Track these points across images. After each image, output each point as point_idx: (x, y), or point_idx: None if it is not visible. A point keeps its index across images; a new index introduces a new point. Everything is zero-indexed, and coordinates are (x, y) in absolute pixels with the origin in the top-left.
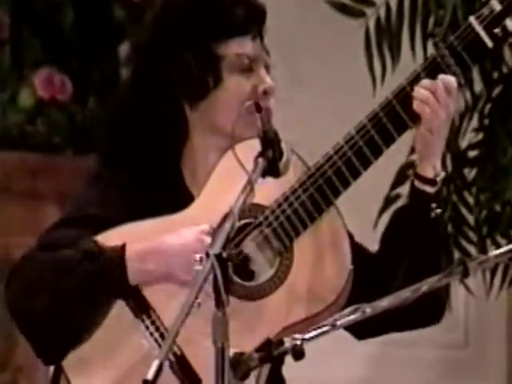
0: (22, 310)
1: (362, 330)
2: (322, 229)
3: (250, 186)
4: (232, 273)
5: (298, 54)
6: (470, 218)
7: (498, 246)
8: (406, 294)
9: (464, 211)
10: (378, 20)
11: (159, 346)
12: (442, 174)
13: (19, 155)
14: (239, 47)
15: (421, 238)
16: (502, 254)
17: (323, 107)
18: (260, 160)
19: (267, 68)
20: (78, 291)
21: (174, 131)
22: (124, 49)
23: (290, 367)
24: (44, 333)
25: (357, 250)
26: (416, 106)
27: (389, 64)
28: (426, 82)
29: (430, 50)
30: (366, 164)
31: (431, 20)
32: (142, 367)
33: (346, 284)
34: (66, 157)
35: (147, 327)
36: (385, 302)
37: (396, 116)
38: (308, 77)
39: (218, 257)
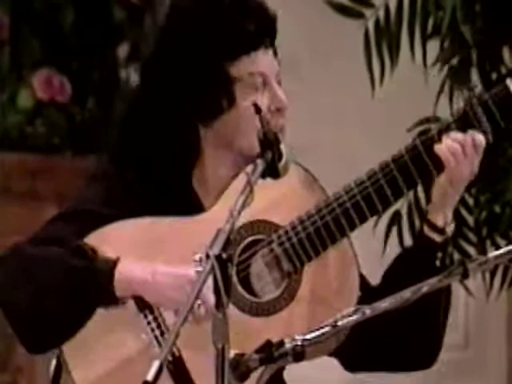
0: (5, 300)
1: (353, 363)
2: (332, 255)
3: (249, 188)
4: (239, 285)
5: (297, 55)
6: (470, 219)
7: (498, 247)
8: (406, 295)
9: (463, 212)
10: (377, 21)
11: (159, 343)
12: (452, 226)
13: (19, 156)
14: (252, 64)
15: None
16: (501, 255)
17: (322, 107)
18: (259, 161)
19: (279, 80)
20: (63, 285)
21: (185, 144)
22: (123, 50)
23: (289, 368)
24: (26, 323)
25: (360, 280)
26: (443, 155)
27: (387, 65)
28: (456, 134)
29: (429, 51)
30: (386, 203)
31: (430, 21)
32: (140, 361)
33: None
34: (65, 157)
35: (149, 323)
36: (385, 303)
37: (420, 161)
38: (307, 77)
39: (218, 258)
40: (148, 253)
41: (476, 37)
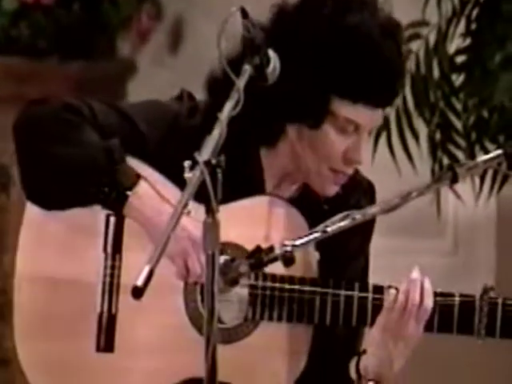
0: (28, 143)
1: None
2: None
3: (237, 95)
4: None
5: None
6: (458, 124)
7: (487, 152)
8: (395, 201)
9: (452, 117)
10: None
11: (103, 291)
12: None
13: (4, 59)
14: (353, 112)
15: None
16: (490, 159)
17: None
18: (246, 66)
19: (371, 131)
20: (86, 166)
21: (271, 121)
22: None
23: None
24: (34, 174)
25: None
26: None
27: None
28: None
29: None
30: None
31: None
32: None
33: None
34: (51, 62)
35: (105, 267)
36: (374, 209)
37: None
38: None
39: (208, 163)
40: None
41: None
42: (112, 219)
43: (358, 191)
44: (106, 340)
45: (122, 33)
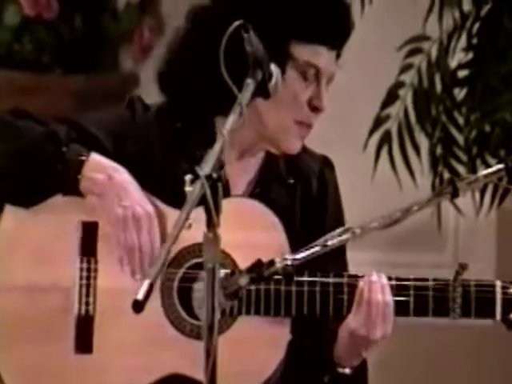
0: None
1: None
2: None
3: (240, 109)
4: (179, 306)
5: None
6: (460, 138)
7: (488, 166)
8: (396, 215)
9: (454, 131)
10: None
11: (80, 293)
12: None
13: (7, 73)
14: (313, 56)
15: None
16: (491, 173)
17: None
18: (249, 81)
19: (330, 80)
20: (33, 158)
21: (224, 88)
22: None
23: None
24: None
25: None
26: (358, 297)
27: None
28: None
29: None
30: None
31: None
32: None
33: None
34: (54, 75)
35: (81, 269)
36: (375, 223)
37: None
38: None
39: (208, 177)
40: None
41: None
42: (85, 224)
43: (317, 163)
44: (84, 341)
45: (124, 46)
